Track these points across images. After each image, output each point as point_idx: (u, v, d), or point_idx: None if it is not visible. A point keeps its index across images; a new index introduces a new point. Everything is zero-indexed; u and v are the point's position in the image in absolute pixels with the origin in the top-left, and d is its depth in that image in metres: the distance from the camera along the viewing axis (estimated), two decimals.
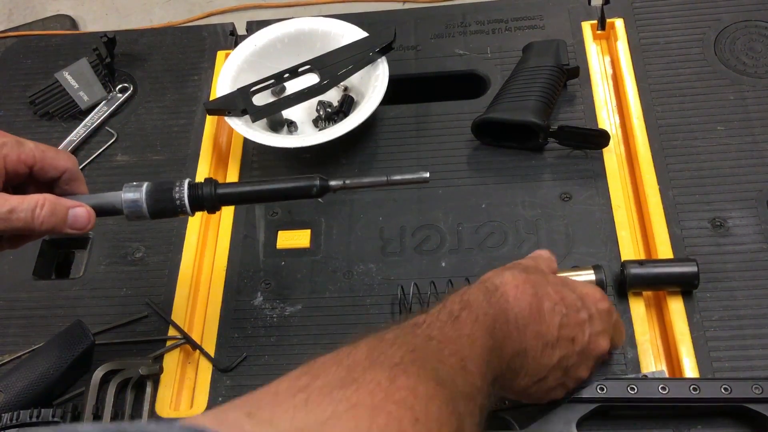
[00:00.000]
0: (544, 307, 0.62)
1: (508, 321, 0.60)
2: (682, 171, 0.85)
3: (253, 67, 0.98)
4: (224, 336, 0.81)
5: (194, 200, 0.68)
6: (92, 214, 0.66)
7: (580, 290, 0.66)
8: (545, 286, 0.64)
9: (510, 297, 0.61)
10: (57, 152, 0.68)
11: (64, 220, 0.65)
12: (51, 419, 0.71)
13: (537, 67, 0.91)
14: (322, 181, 0.69)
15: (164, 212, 0.68)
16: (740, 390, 0.67)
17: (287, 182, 0.69)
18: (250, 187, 0.70)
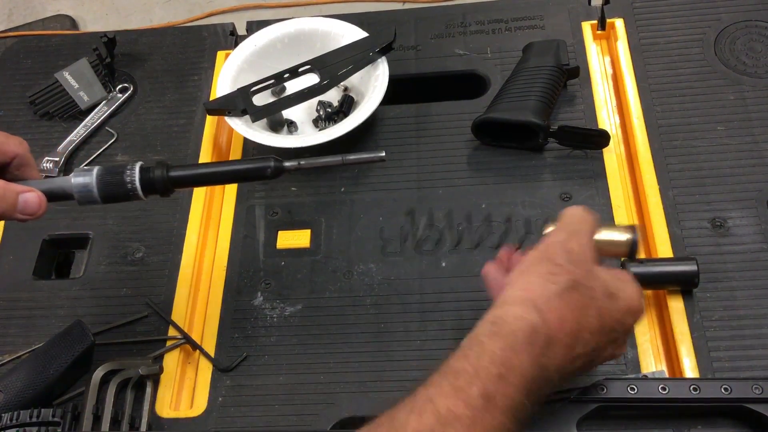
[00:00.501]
0: (580, 339, 0.58)
1: (545, 372, 0.57)
2: (682, 171, 0.85)
3: (253, 67, 0.98)
4: (224, 336, 0.81)
5: (146, 183, 0.67)
6: (43, 199, 0.65)
7: (623, 304, 0.61)
8: (589, 309, 0.59)
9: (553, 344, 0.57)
10: (6, 137, 0.67)
11: (14, 206, 0.64)
12: (51, 419, 0.71)
13: (537, 67, 0.91)
14: (276, 162, 0.68)
15: (115, 196, 0.67)
16: (740, 390, 0.67)
17: (241, 164, 0.69)
18: (203, 170, 0.70)
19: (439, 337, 0.78)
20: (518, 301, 0.58)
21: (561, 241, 0.61)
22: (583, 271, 0.60)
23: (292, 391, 0.76)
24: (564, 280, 0.58)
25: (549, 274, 0.59)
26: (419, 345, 0.78)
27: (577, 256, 0.60)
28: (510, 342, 0.56)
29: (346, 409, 0.75)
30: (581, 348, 0.59)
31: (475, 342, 0.57)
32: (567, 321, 0.57)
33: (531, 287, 0.59)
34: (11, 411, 0.71)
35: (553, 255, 0.60)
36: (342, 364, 0.77)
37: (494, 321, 0.58)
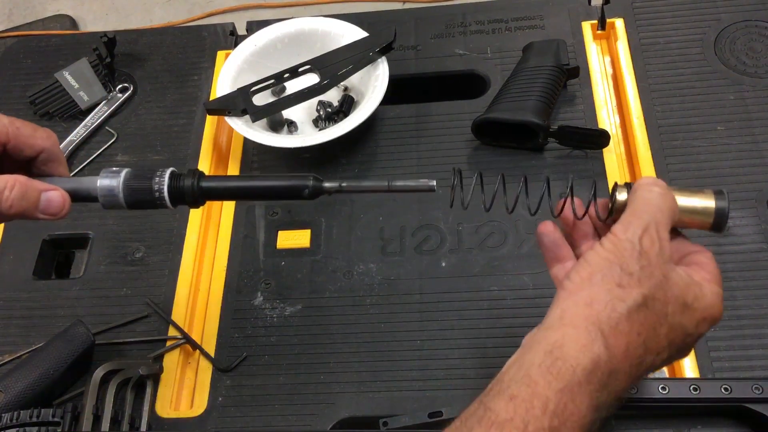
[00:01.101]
0: (644, 363, 0.52)
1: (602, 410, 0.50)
2: (682, 171, 0.85)
3: (253, 67, 0.98)
4: (224, 336, 0.81)
5: (175, 192, 0.62)
6: (67, 199, 0.60)
7: (699, 315, 0.54)
8: (660, 328, 0.52)
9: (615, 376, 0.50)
10: (34, 130, 0.62)
11: (36, 205, 0.59)
12: (51, 419, 0.71)
13: (537, 67, 0.91)
14: (315, 182, 0.61)
15: (141, 203, 0.62)
16: (740, 390, 0.67)
17: (277, 180, 0.63)
18: (237, 183, 0.65)
19: (439, 337, 0.78)
20: (581, 324, 0.50)
21: (634, 241, 0.52)
22: (657, 281, 0.52)
23: (292, 391, 0.76)
24: (634, 296, 0.51)
25: (618, 288, 0.51)
26: (419, 345, 0.78)
27: (652, 260, 0.52)
28: (568, 382, 0.48)
29: (346, 409, 0.75)
30: (644, 371, 0.53)
31: (525, 377, 0.49)
32: (633, 347, 0.51)
33: (596, 304, 0.51)
34: (11, 411, 0.71)
35: (625, 260, 0.52)
36: (342, 364, 0.77)
37: (551, 350, 0.49)
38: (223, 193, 0.64)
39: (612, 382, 0.50)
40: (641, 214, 0.54)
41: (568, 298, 0.52)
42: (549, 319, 0.52)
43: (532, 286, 0.80)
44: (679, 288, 0.53)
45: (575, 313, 0.51)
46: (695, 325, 0.54)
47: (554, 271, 0.59)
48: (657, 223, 0.53)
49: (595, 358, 0.49)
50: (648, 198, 0.54)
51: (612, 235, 0.53)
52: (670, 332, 0.53)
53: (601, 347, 0.49)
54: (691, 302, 0.53)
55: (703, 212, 0.57)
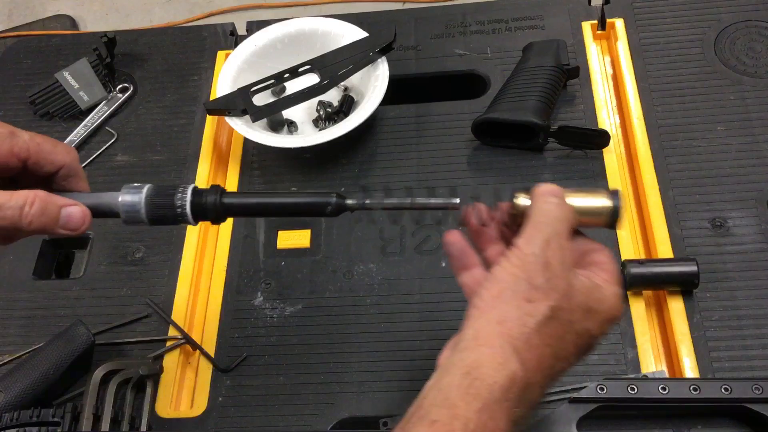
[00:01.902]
0: (555, 371, 0.54)
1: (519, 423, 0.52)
2: (682, 171, 0.85)
3: (253, 67, 0.98)
4: (224, 336, 0.81)
5: (197, 208, 0.62)
6: (87, 215, 0.60)
7: (602, 317, 0.56)
8: (567, 335, 0.54)
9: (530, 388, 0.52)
10: (55, 145, 0.62)
11: (56, 220, 0.59)
12: (51, 419, 0.71)
13: (537, 67, 0.91)
14: (338, 199, 0.61)
15: (164, 219, 0.62)
16: (740, 390, 0.67)
17: (300, 197, 0.63)
18: (259, 200, 0.64)
19: (439, 337, 0.77)
20: (495, 342, 0.51)
21: (538, 253, 0.54)
22: (562, 292, 0.53)
23: (292, 391, 0.76)
24: (542, 310, 0.53)
25: (526, 303, 0.53)
26: (419, 345, 0.78)
27: (556, 270, 0.54)
28: (486, 401, 0.49)
29: (346, 409, 0.75)
30: (554, 378, 0.55)
31: (444, 401, 0.50)
32: (545, 359, 0.53)
33: (508, 322, 0.52)
34: (11, 411, 0.71)
35: (531, 273, 0.53)
36: (342, 364, 0.77)
37: (468, 371, 0.51)
38: (245, 209, 0.64)
39: (528, 395, 0.52)
40: (542, 226, 0.55)
41: (480, 317, 0.53)
42: (464, 341, 0.53)
43: None
44: (582, 294, 0.55)
45: (489, 332, 0.52)
46: (599, 327, 0.56)
47: (462, 278, 0.60)
48: (557, 233, 0.55)
49: (511, 374, 0.50)
50: (546, 209, 0.56)
51: (517, 249, 0.55)
52: (577, 338, 0.55)
53: (516, 363, 0.51)
54: (594, 306, 0.55)
55: (599, 212, 0.59)
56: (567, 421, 0.68)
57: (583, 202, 0.59)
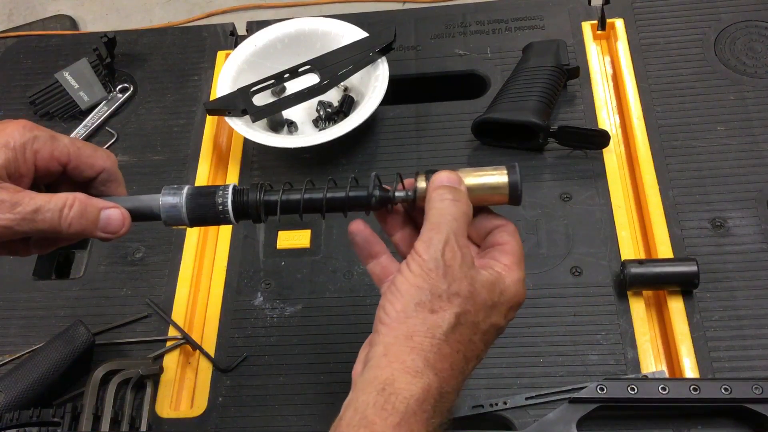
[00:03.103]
0: (467, 369, 0.55)
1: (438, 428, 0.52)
2: (682, 171, 0.85)
3: (253, 67, 0.98)
4: (224, 336, 0.81)
5: (239, 207, 0.61)
6: (127, 217, 0.60)
7: (505, 308, 0.56)
8: (475, 336, 0.55)
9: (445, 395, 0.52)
10: (94, 150, 0.62)
11: (95, 223, 0.59)
12: (51, 419, 0.71)
13: (537, 67, 0.91)
14: (381, 192, 0.60)
15: (205, 219, 0.61)
16: (740, 390, 0.67)
17: (341, 191, 0.61)
18: (302, 196, 0.61)
19: None
20: (407, 358, 0.52)
21: (437, 257, 0.54)
22: (464, 295, 0.54)
23: (292, 391, 0.76)
24: (448, 319, 0.53)
25: (432, 314, 0.53)
26: None
27: (456, 273, 0.54)
28: (403, 414, 0.50)
29: None
30: (467, 376, 0.56)
31: (362, 420, 0.50)
32: (456, 364, 0.53)
33: (416, 336, 0.52)
34: (11, 411, 0.71)
35: (432, 281, 0.53)
36: (342, 364, 0.77)
37: (383, 387, 0.51)
38: (289, 207, 0.62)
39: (443, 403, 0.52)
40: (439, 227, 0.55)
41: (388, 333, 0.53)
42: (374, 358, 0.53)
43: (532, 286, 0.80)
44: (485, 291, 0.55)
45: (399, 348, 0.52)
46: (504, 318, 0.57)
47: (370, 267, 0.61)
48: (455, 233, 0.55)
49: (425, 386, 0.51)
50: (442, 208, 0.56)
51: (417, 256, 0.55)
52: (485, 335, 0.55)
53: (430, 374, 0.51)
54: (497, 300, 0.56)
55: (498, 188, 0.58)
56: (567, 421, 0.68)
57: (480, 180, 0.59)
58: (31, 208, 0.56)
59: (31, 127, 0.59)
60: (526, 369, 0.75)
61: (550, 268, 0.81)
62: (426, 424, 0.51)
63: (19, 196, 0.56)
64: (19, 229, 0.56)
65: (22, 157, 0.58)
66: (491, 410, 0.71)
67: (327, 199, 0.61)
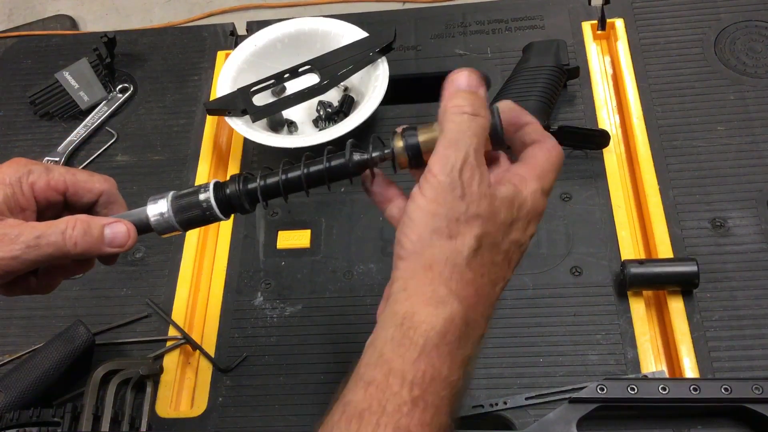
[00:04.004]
0: (493, 294, 0.52)
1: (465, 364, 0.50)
2: (682, 171, 0.85)
3: (253, 67, 0.98)
4: (224, 336, 0.81)
5: (223, 201, 0.60)
6: (132, 229, 0.60)
7: (524, 223, 0.53)
8: (497, 256, 0.52)
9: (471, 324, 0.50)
10: (90, 175, 0.63)
11: (101, 239, 0.59)
12: (51, 419, 0.71)
13: (537, 67, 0.91)
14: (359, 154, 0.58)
15: (194, 220, 0.60)
16: (740, 390, 0.67)
17: (320, 163, 0.59)
18: (282, 177, 0.60)
19: None
20: (426, 289, 0.49)
21: (454, 177, 0.50)
22: (485, 216, 0.50)
23: (292, 391, 0.76)
24: (468, 243, 0.50)
25: (450, 240, 0.50)
26: None
27: (475, 194, 0.50)
28: (422, 348, 0.47)
29: None
30: (495, 302, 0.53)
31: (379, 359, 0.48)
32: (481, 288, 0.50)
33: (436, 266, 0.50)
34: (11, 411, 0.71)
35: (449, 204, 0.50)
36: (342, 364, 0.77)
37: (401, 322, 0.49)
38: (271, 191, 0.61)
39: (471, 331, 0.50)
40: (457, 144, 0.51)
41: (406, 268, 0.51)
42: (394, 293, 0.51)
43: (532, 286, 0.80)
44: (504, 209, 0.52)
45: (418, 281, 0.50)
46: (524, 232, 0.53)
47: (388, 212, 0.58)
48: (475, 149, 0.51)
49: (448, 316, 0.48)
50: (460, 122, 0.51)
51: (431, 176, 0.50)
52: (507, 254, 0.52)
53: (454, 303, 0.49)
54: (516, 215, 0.52)
55: None
56: (567, 421, 0.68)
57: None
58: (34, 235, 0.57)
59: (24, 162, 0.61)
60: (526, 369, 0.75)
61: (550, 268, 0.81)
62: (451, 355, 0.48)
63: (20, 228, 0.57)
64: (27, 258, 0.57)
65: (20, 191, 0.59)
66: (491, 410, 0.71)
67: (306, 174, 0.59)
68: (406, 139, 0.55)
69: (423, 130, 0.55)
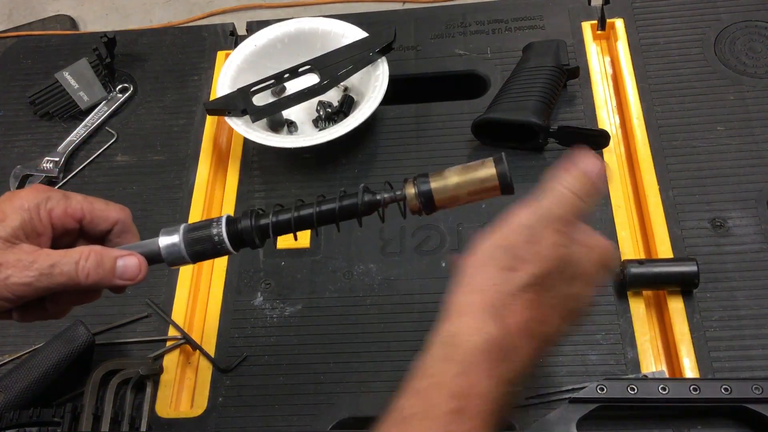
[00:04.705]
0: (544, 335, 0.54)
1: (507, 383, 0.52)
2: (682, 171, 0.85)
3: (253, 67, 0.98)
4: (224, 336, 0.81)
5: (235, 236, 0.61)
6: (143, 263, 0.61)
7: (591, 275, 0.55)
8: (551, 302, 0.54)
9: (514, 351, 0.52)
10: (107, 204, 0.64)
11: (112, 272, 0.60)
12: (51, 419, 0.71)
13: (537, 67, 0.91)
14: (370, 197, 0.61)
15: (204, 253, 0.62)
16: (740, 390, 0.67)
17: (333, 203, 0.61)
18: (293, 214, 0.62)
19: None
20: (474, 311, 0.52)
21: (529, 227, 0.54)
22: (547, 263, 0.53)
23: (292, 391, 0.76)
24: (523, 277, 0.52)
25: (507, 271, 0.53)
26: (419, 345, 0.77)
27: (543, 246, 0.53)
28: (464, 364, 0.51)
29: (346, 409, 0.75)
30: (545, 341, 0.55)
31: (427, 372, 0.52)
32: (529, 323, 0.52)
33: (487, 291, 0.53)
34: (11, 411, 0.71)
35: (515, 245, 0.53)
36: (342, 364, 0.77)
37: (447, 340, 0.52)
38: (282, 227, 0.62)
39: (511, 356, 0.52)
40: (549, 208, 0.54)
41: (461, 291, 0.54)
42: (446, 313, 0.54)
43: None
44: (575, 257, 0.54)
45: (468, 302, 0.53)
46: (585, 288, 0.55)
47: None
48: (560, 218, 0.54)
49: (488, 337, 0.51)
50: (560, 198, 0.55)
51: (512, 216, 0.55)
52: (562, 303, 0.54)
53: (493, 326, 0.51)
54: (581, 271, 0.55)
55: (487, 180, 0.60)
56: (567, 421, 0.68)
57: (469, 176, 0.60)
58: (48, 263, 0.58)
59: (44, 189, 0.62)
60: None
61: None
62: (490, 374, 0.51)
63: (35, 255, 0.58)
64: (39, 285, 0.58)
65: (37, 217, 0.60)
66: None
67: (318, 212, 0.62)
68: (419, 186, 0.60)
69: (435, 177, 0.61)
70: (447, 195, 0.60)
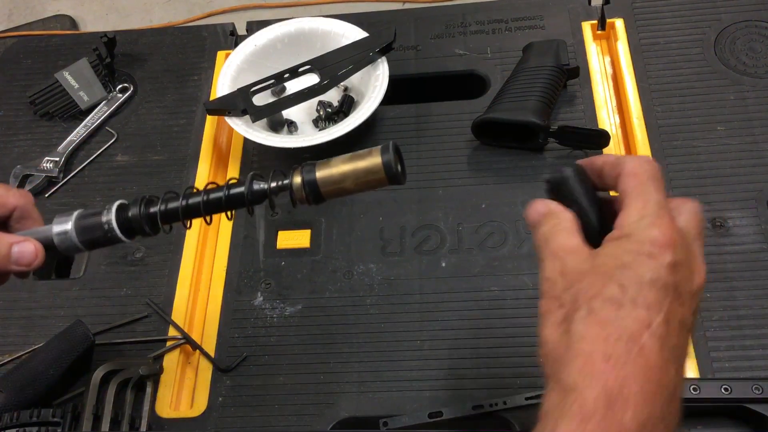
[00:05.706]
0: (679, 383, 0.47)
1: None
2: (682, 171, 0.85)
3: (253, 67, 0.98)
4: (224, 336, 0.81)
5: (125, 224, 0.60)
6: (40, 249, 0.60)
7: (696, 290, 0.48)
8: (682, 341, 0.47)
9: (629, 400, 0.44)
10: (6, 189, 0.63)
11: (7, 257, 0.59)
12: (51, 419, 0.71)
13: (537, 67, 0.91)
14: (258, 185, 0.58)
15: (96, 242, 0.60)
16: (740, 390, 0.67)
17: (220, 191, 0.59)
18: (183, 202, 0.60)
19: (439, 337, 0.78)
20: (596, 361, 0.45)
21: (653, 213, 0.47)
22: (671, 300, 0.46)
23: (292, 391, 0.76)
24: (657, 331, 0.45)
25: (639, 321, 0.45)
26: (419, 345, 0.78)
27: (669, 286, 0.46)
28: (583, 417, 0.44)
29: (346, 409, 0.75)
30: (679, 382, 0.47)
31: (548, 421, 0.46)
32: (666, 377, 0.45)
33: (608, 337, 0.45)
34: (11, 411, 0.71)
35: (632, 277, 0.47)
36: (342, 364, 0.77)
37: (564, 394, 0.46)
38: (170, 215, 0.61)
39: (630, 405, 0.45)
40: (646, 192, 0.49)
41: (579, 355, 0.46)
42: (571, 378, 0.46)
43: (533, 286, 0.80)
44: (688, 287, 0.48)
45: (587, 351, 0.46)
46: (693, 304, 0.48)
47: None
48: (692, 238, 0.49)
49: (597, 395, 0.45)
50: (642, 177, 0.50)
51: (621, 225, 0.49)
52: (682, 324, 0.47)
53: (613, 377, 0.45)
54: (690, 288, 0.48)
55: (373, 171, 0.56)
56: None
57: (355, 165, 0.57)
58: None
59: None
60: (526, 369, 0.75)
61: None
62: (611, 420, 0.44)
63: None
64: None
65: None
66: (491, 410, 0.71)
67: (205, 201, 0.60)
68: (304, 175, 0.56)
69: (321, 166, 0.57)
70: (334, 185, 0.57)
